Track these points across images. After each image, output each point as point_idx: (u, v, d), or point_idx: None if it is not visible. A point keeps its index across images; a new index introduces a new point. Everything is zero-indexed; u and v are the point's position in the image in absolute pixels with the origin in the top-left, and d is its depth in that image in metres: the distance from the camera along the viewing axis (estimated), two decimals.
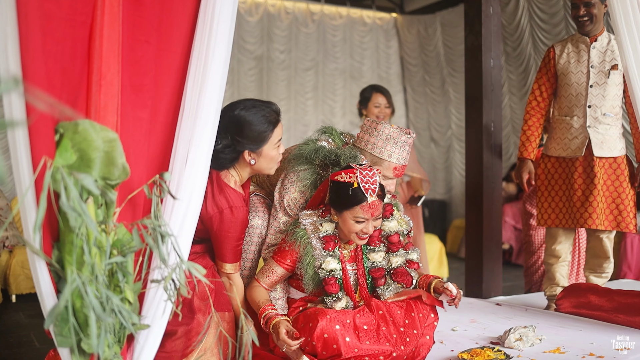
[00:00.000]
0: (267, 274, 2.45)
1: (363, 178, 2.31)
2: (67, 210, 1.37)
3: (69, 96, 1.52)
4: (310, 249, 2.40)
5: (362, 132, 2.64)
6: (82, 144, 1.50)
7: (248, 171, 2.42)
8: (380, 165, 2.56)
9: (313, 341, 2.23)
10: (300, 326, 2.31)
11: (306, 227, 2.43)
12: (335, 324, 2.25)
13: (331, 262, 2.39)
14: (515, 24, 8.27)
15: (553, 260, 3.59)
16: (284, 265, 2.44)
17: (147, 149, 1.78)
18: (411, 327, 2.39)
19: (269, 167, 2.42)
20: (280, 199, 2.56)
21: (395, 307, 2.44)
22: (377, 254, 2.50)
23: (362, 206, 2.30)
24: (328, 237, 2.41)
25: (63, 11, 1.48)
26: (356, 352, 2.25)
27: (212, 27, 1.84)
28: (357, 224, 2.34)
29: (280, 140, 2.42)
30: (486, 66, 4.06)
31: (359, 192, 2.29)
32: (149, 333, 1.71)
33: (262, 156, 2.36)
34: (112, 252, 1.58)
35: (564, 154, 3.44)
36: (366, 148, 2.58)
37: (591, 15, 3.37)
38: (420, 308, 2.46)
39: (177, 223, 1.76)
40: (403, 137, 2.56)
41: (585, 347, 2.63)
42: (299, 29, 9.32)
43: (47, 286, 1.51)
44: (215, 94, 1.85)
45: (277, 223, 2.57)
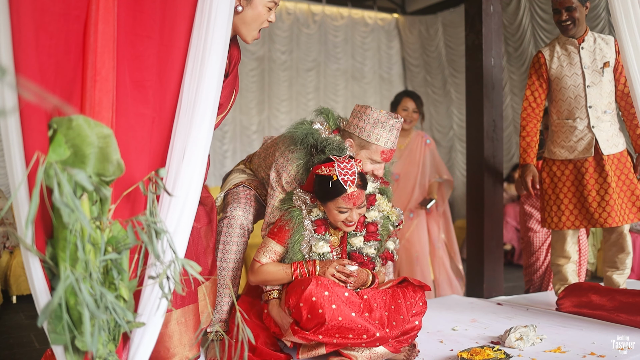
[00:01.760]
0: (264, 252, 2.53)
1: (341, 171, 2.40)
2: (60, 206, 1.36)
3: (63, 91, 1.50)
4: (301, 229, 2.50)
5: (351, 117, 2.67)
6: (76, 140, 1.48)
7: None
8: (369, 148, 2.61)
9: (300, 302, 2.29)
10: (292, 288, 2.40)
11: (301, 207, 2.52)
12: (325, 290, 2.31)
13: (323, 246, 2.50)
14: (516, 24, 8.26)
15: (563, 261, 3.60)
16: (280, 241, 2.53)
17: (150, 145, 1.77)
18: (397, 313, 2.41)
19: (250, 28, 2.35)
20: (278, 177, 2.62)
21: (380, 293, 2.48)
22: (357, 239, 2.59)
23: (342, 197, 2.40)
24: (320, 220, 2.52)
25: (57, 5, 1.47)
26: (340, 321, 2.27)
27: (209, 22, 1.83)
28: (341, 214, 2.44)
29: (274, 8, 2.38)
30: (487, 65, 4.04)
31: (338, 184, 2.39)
32: (145, 331, 1.70)
33: (251, 6, 2.31)
34: (107, 249, 1.56)
35: (570, 157, 3.43)
36: (355, 132, 2.61)
37: (574, 19, 3.41)
38: (408, 296, 2.47)
39: (174, 219, 1.75)
40: (391, 121, 2.60)
41: (586, 347, 2.61)
42: (301, 30, 9.32)
43: (40, 283, 1.49)
44: (212, 90, 1.83)
45: (274, 201, 2.64)
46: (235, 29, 2.35)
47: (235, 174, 2.93)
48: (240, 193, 2.77)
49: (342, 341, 2.29)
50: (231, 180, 2.88)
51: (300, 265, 2.47)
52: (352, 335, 2.29)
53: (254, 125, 8.98)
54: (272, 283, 2.53)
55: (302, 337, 2.31)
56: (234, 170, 2.99)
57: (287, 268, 2.48)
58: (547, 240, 4.31)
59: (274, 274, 2.49)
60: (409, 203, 4.62)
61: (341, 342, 2.30)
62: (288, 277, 2.47)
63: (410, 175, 4.61)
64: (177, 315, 2.11)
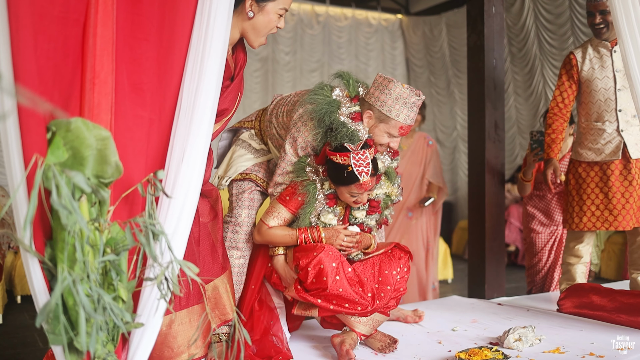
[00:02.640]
0: (273, 216, 2.63)
1: (357, 162, 2.47)
2: (58, 208, 1.37)
3: (61, 94, 1.52)
4: (314, 201, 2.60)
5: (373, 88, 2.64)
6: (74, 142, 1.50)
7: (239, 28, 2.36)
8: (388, 123, 2.61)
9: (309, 267, 2.46)
10: (304, 250, 2.54)
11: (315, 180, 2.61)
12: (333, 262, 2.47)
13: (330, 217, 2.62)
14: (520, 25, 8.25)
15: (574, 260, 3.63)
16: (291, 209, 2.63)
17: (148, 147, 1.78)
18: (385, 284, 2.61)
19: (259, 34, 2.37)
20: (293, 140, 2.65)
21: (369, 266, 2.65)
22: (360, 212, 2.70)
23: (356, 185, 2.50)
24: (332, 194, 2.63)
25: (56, 9, 1.48)
26: (340, 292, 2.46)
27: (208, 24, 1.84)
28: (352, 197, 2.56)
29: (284, 15, 2.41)
30: (489, 66, 4.04)
31: (352, 175, 2.47)
32: (144, 331, 1.71)
33: (262, 13, 2.33)
34: (105, 250, 1.58)
35: (597, 159, 3.45)
36: (375, 104, 2.60)
37: (607, 22, 3.40)
38: (393, 265, 2.66)
39: (172, 221, 1.76)
40: (413, 98, 2.60)
41: (585, 347, 2.62)
42: (304, 31, 9.33)
43: (39, 284, 1.51)
44: (211, 93, 1.85)
45: (285, 164, 2.67)
46: (243, 33, 2.36)
47: (242, 151, 2.89)
48: (245, 193, 2.79)
49: (338, 309, 2.50)
50: (238, 163, 2.85)
51: (306, 231, 2.60)
52: (348, 305, 2.49)
53: None
54: (276, 245, 2.67)
55: (303, 297, 2.50)
56: (241, 142, 2.92)
57: (293, 233, 2.60)
58: (549, 242, 4.31)
59: (281, 237, 2.62)
60: (406, 202, 4.69)
61: (336, 310, 2.50)
62: (293, 241, 2.61)
63: (411, 176, 4.66)
64: (181, 315, 2.13)
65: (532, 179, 4.11)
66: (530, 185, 4.14)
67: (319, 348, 2.75)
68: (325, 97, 2.59)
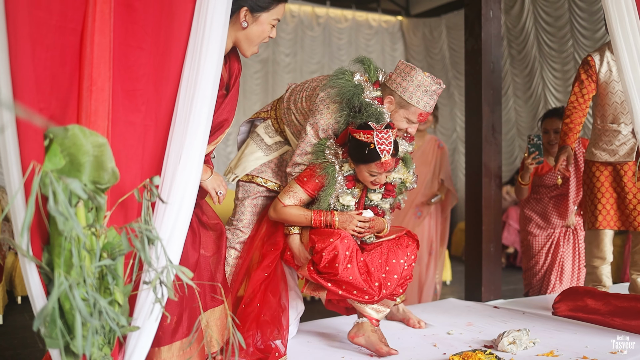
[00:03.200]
0: (290, 195, 2.69)
1: (379, 140, 2.53)
2: (54, 214, 1.40)
3: (59, 101, 1.55)
4: (334, 182, 2.65)
5: (395, 74, 2.72)
6: (71, 149, 1.53)
7: (232, 38, 2.39)
8: (408, 109, 2.69)
9: (324, 251, 2.54)
10: (320, 234, 2.62)
11: (334, 162, 2.66)
12: (347, 250, 2.55)
13: (348, 199, 2.68)
14: (520, 27, 8.27)
15: (598, 262, 3.68)
16: (308, 191, 2.69)
17: (142, 153, 1.81)
18: (392, 273, 2.67)
19: (252, 43, 2.40)
20: (315, 121, 2.69)
21: (377, 256, 2.71)
22: (376, 195, 2.75)
23: (376, 163, 2.55)
24: (351, 176, 2.69)
25: (53, 18, 1.51)
26: (350, 280, 2.54)
27: (204, 34, 1.86)
28: (370, 176, 2.61)
29: (276, 25, 2.44)
30: (486, 69, 4.06)
31: (374, 152, 2.52)
32: (140, 334, 1.74)
33: (256, 23, 2.36)
34: (102, 255, 1.61)
35: (611, 160, 3.52)
36: (397, 90, 2.68)
37: None
38: (400, 254, 2.72)
39: (168, 227, 1.78)
40: (434, 86, 2.67)
41: (579, 351, 2.64)
42: (305, 32, 9.36)
43: (37, 288, 1.54)
44: (207, 99, 1.87)
45: (304, 144, 2.72)
46: (237, 43, 2.39)
47: (254, 147, 2.93)
48: (249, 199, 2.87)
49: (346, 295, 2.59)
50: (247, 161, 2.89)
51: (321, 214, 2.66)
52: (356, 292, 2.58)
53: None
54: (290, 224, 2.73)
55: (315, 278, 2.60)
56: (255, 136, 2.95)
57: (308, 214, 2.67)
58: (546, 244, 4.33)
59: (296, 217, 2.69)
60: (414, 201, 4.75)
61: (345, 295, 2.59)
62: (307, 222, 2.68)
63: (421, 175, 4.71)
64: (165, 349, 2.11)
65: (529, 182, 4.13)
66: (527, 188, 4.17)
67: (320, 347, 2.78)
68: (348, 81, 2.66)
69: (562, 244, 4.32)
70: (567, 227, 4.32)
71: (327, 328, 3.10)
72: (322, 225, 2.66)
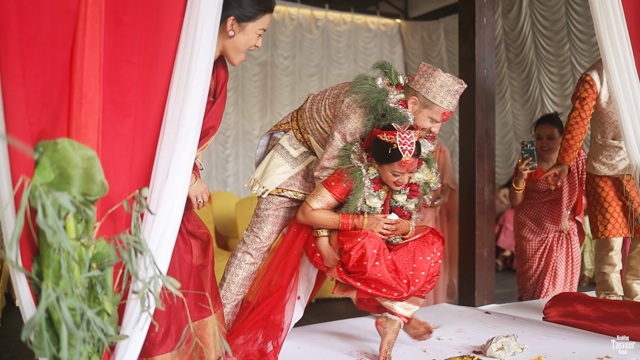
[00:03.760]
0: (318, 200, 2.77)
1: (402, 140, 2.60)
2: (43, 227, 1.44)
3: (49, 116, 1.58)
4: (362, 186, 2.73)
5: (417, 76, 2.80)
6: (61, 162, 1.56)
7: (219, 46, 2.42)
8: (432, 108, 2.76)
9: (352, 251, 2.61)
10: (348, 235, 2.70)
11: (360, 166, 2.73)
12: (374, 248, 2.62)
13: (375, 201, 2.76)
14: (517, 31, 8.30)
15: (609, 269, 3.73)
16: (335, 195, 2.76)
17: (130, 165, 1.84)
18: (419, 270, 2.74)
19: (238, 52, 2.43)
20: (342, 125, 2.76)
21: (404, 254, 2.78)
22: (401, 196, 2.84)
23: (399, 163, 2.62)
24: (377, 179, 2.76)
25: (43, 35, 1.55)
26: (378, 277, 2.61)
27: (193, 46, 1.90)
28: (394, 176, 2.68)
29: (262, 35, 2.47)
30: (480, 76, 4.10)
31: (397, 152, 2.60)
32: (129, 343, 1.77)
33: (243, 32, 2.38)
34: (91, 266, 1.64)
35: (609, 173, 3.61)
36: (420, 91, 2.75)
37: None
38: (426, 251, 2.80)
39: (156, 237, 1.82)
40: (456, 86, 2.76)
41: (566, 356, 2.68)
42: (303, 35, 9.39)
43: (27, 298, 1.57)
44: (196, 111, 1.90)
45: (332, 149, 2.80)
46: (224, 51, 2.42)
47: (280, 160, 2.98)
48: (270, 210, 2.93)
49: (375, 292, 2.67)
50: (274, 174, 2.95)
51: (349, 217, 2.74)
52: (385, 290, 2.65)
53: (256, 129, 9.06)
54: (318, 227, 2.81)
55: (344, 278, 2.68)
56: (280, 148, 3.00)
57: (337, 218, 2.75)
58: (539, 249, 4.36)
59: (325, 220, 2.77)
60: None
61: (374, 294, 2.68)
62: (336, 225, 2.76)
63: None
64: None
65: (523, 187, 4.16)
66: (522, 194, 4.19)
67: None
68: (372, 86, 2.72)
69: (556, 249, 4.35)
70: (561, 232, 4.35)
71: (320, 332, 3.13)
72: (350, 228, 2.74)
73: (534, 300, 4.17)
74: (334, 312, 5.03)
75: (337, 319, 3.51)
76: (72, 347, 1.53)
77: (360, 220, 2.73)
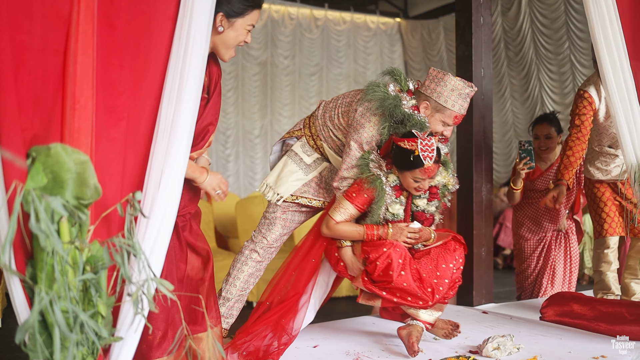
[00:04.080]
0: (340, 212, 2.81)
1: (423, 147, 2.65)
2: (36, 232, 1.45)
3: (42, 121, 1.60)
4: (383, 194, 2.77)
5: (428, 81, 2.86)
6: (54, 167, 1.58)
7: (210, 43, 2.37)
8: (443, 112, 2.82)
9: (378, 261, 2.66)
10: (373, 245, 2.73)
11: (380, 175, 2.76)
12: (400, 258, 2.67)
13: (397, 207, 2.80)
14: (517, 29, 8.31)
15: (605, 267, 3.76)
16: (357, 206, 2.80)
17: (123, 168, 1.85)
18: (443, 277, 2.78)
19: (228, 47, 2.42)
20: (358, 135, 2.80)
21: (427, 262, 2.80)
22: (422, 200, 2.88)
23: (420, 170, 2.67)
24: (397, 186, 2.80)
25: (35, 42, 1.56)
26: (404, 286, 2.66)
27: (186, 50, 1.91)
28: (415, 182, 2.72)
29: (252, 30, 2.48)
30: (477, 76, 4.10)
31: (418, 159, 2.65)
32: (123, 345, 1.79)
33: (232, 28, 2.38)
34: (85, 268, 1.65)
35: (603, 178, 3.68)
36: (432, 96, 2.80)
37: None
38: (448, 258, 2.83)
39: (150, 240, 1.83)
40: (467, 89, 2.81)
41: (562, 356, 2.69)
42: (303, 35, 9.40)
43: (21, 302, 1.59)
44: (189, 114, 1.92)
45: (350, 159, 2.83)
46: (214, 47, 2.43)
47: (294, 167, 3.00)
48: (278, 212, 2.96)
49: (401, 301, 2.73)
50: (288, 181, 2.97)
51: (373, 228, 2.78)
52: (411, 298, 2.70)
53: (256, 129, 9.08)
54: (343, 239, 2.84)
55: (370, 288, 2.73)
56: (293, 155, 3.03)
57: (361, 229, 2.78)
58: (537, 248, 4.37)
59: (349, 232, 2.81)
60: None
61: (400, 302, 2.73)
62: (360, 237, 2.79)
63: None
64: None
65: (521, 187, 4.17)
66: (519, 193, 4.20)
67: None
68: (385, 93, 2.76)
69: (554, 248, 4.35)
70: (559, 231, 4.36)
71: (317, 332, 3.15)
72: (375, 239, 2.77)
73: (532, 300, 4.18)
74: (332, 312, 5.05)
75: (334, 319, 3.52)
76: (66, 349, 1.54)
77: (385, 231, 2.76)
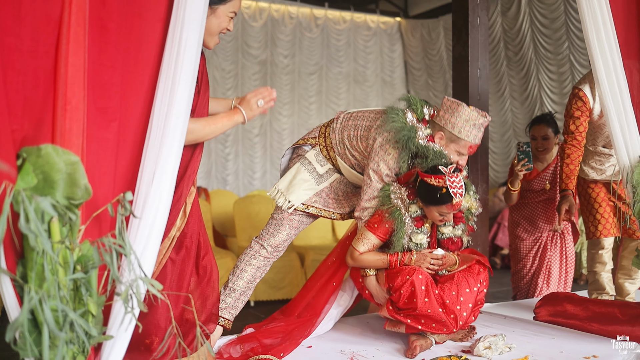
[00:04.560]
0: (363, 243, 2.87)
1: (451, 184, 2.68)
2: (25, 232, 1.47)
3: (32, 122, 1.61)
4: (402, 225, 2.80)
5: (442, 111, 2.88)
6: (45, 167, 1.60)
7: None
8: (458, 143, 2.85)
9: (402, 289, 2.71)
10: (396, 273, 2.78)
11: (399, 206, 2.80)
12: (423, 285, 2.71)
13: (420, 237, 2.85)
14: (516, 29, 8.31)
15: (600, 268, 3.78)
16: (380, 236, 2.85)
17: (115, 168, 1.87)
18: (466, 302, 2.80)
19: (212, 35, 2.43)
20: (377, 167, 2.86)
21: (451, 288, 2.81)
22: (447, 228, 2.92)
23: (447, 205, 2.71)
24: (418, 216, 2.84)
25: (25, 44, 1.58)
26: (428, 312, 2.70)
27: (179, 52, 1.93)
28: (439, 215, 2.77)
29: (234, 18, 2.49)
30: (473, 76, 4.11)
31: (447, 196, 2.69)
32: (114, 343, 1.80)
33: (214, 15, 2.39)
34: (76, 268, 1.67)
35: (598, 178, 3.70)
36: (446, 126, 2.83)
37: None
38: (471, 282, 2.84)
39: (142, 241, 1.85)
40: (481, 119, 2.85)
41: (554, 356, 2.70)
42: (303, 34, 9.41)
43: (12, 300, 1.60)
44: (181, 116, 1.93)
45: (371, 190, 2.89)
46: None
47: (306, 175, 3.03)
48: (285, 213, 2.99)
49: (425, 329, 2.75)
50: (300, 190, 3.00)
51: (397, 256, 2.82)
52: (435, 325, 2.73)
53: (255, 128, 9.09)
54: (367, 267, 2.90)
55: (395, 316, 2.78)
56: (307, 163, 3.06)
57: (385, 258, 2.83)
58: (533, 248, 4.38)
59: (373, 262, 2.86)
60: None
61: (424, 329, 2.76)
62: (384, 265, 2.84)
63: None
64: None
65: (519, 188, 4.18)
66: (517, 194, 4.21)
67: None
68: (402, 122, 2.80)
69: (550, 248, 4.36)
70: (555, 231, 4.37)
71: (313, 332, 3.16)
72: (398, 267, 2.80)
73: (527, 300, 4.19)
74: None
75: None
76: (55, 348, 1.56)
77: (408, 258, 2.81)
